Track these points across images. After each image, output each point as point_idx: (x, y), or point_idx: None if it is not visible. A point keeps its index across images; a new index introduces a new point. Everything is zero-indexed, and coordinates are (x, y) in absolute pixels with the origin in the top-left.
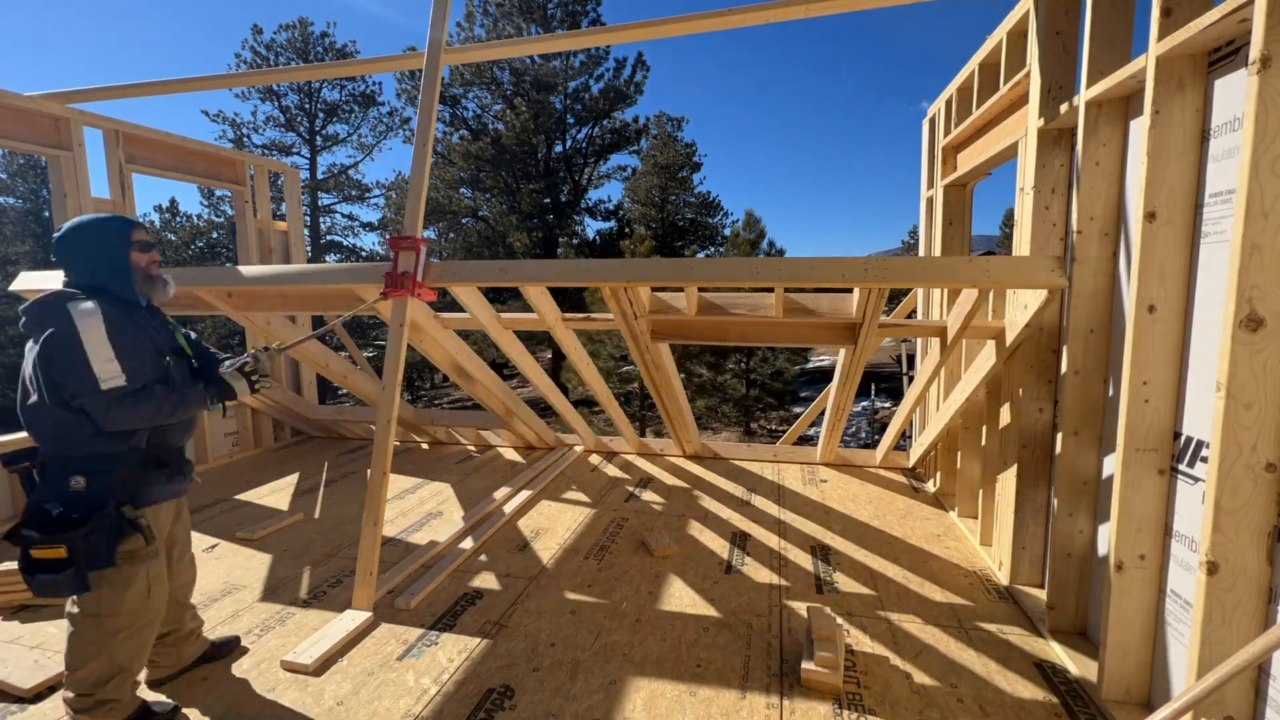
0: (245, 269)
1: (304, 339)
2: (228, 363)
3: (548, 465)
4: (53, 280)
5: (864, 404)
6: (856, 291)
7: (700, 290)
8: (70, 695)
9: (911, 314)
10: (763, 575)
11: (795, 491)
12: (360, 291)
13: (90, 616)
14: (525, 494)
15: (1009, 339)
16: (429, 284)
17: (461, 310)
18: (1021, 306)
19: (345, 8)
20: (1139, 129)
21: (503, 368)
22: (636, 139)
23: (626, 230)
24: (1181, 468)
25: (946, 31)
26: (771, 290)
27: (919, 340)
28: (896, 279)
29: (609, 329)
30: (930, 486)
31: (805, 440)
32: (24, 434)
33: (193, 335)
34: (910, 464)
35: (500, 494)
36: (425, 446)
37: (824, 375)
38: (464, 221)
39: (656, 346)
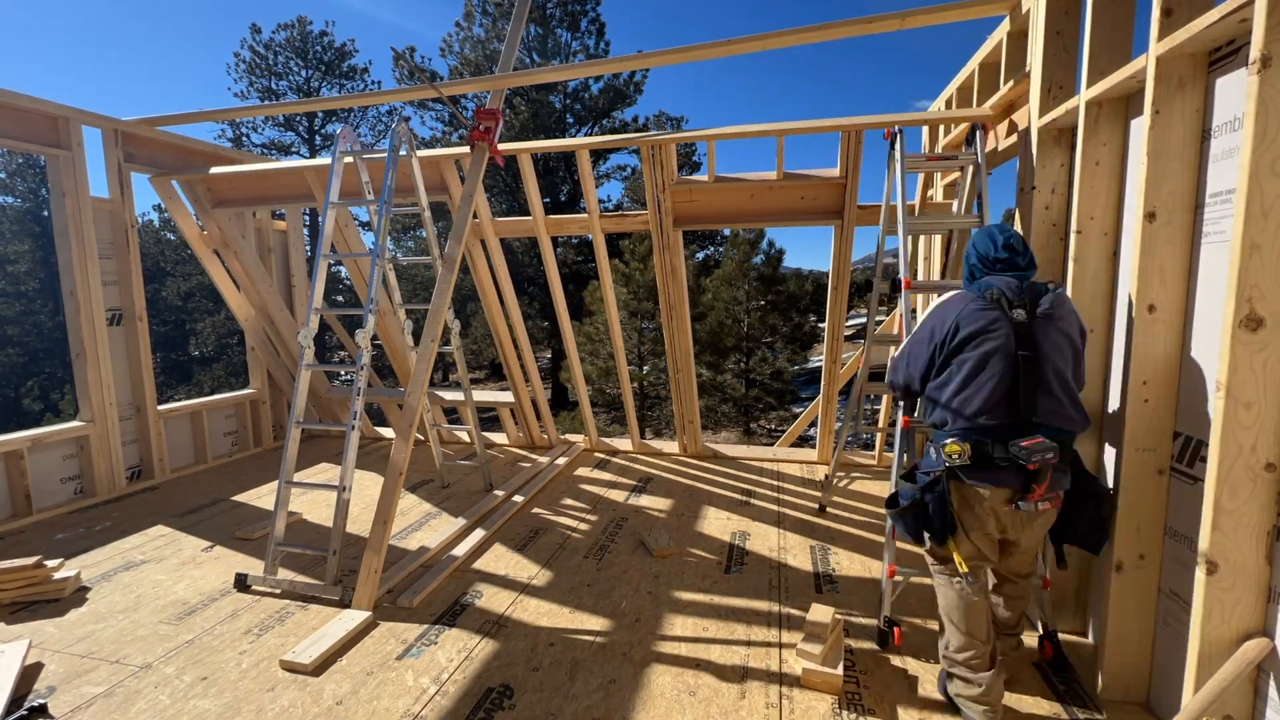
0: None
1: None
2: None
3: (548, 463)
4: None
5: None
6: (839, 146)
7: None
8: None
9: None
10: (762, 575)
11: (794, 491)
12: (442, 165)
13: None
14: (526, 493)
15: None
16: (500, 151)
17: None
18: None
19: (343, 8)
20: (1139, 129)
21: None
22: None
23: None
24: (1181, 467)
25: (947, 32)
26: (772, 172)
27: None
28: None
29: (639, 230)
30: None
31: (805, 440)
32: (21, 434)
33: None
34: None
35: (500, 492)
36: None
37: None
38: None
39: (675, 238)
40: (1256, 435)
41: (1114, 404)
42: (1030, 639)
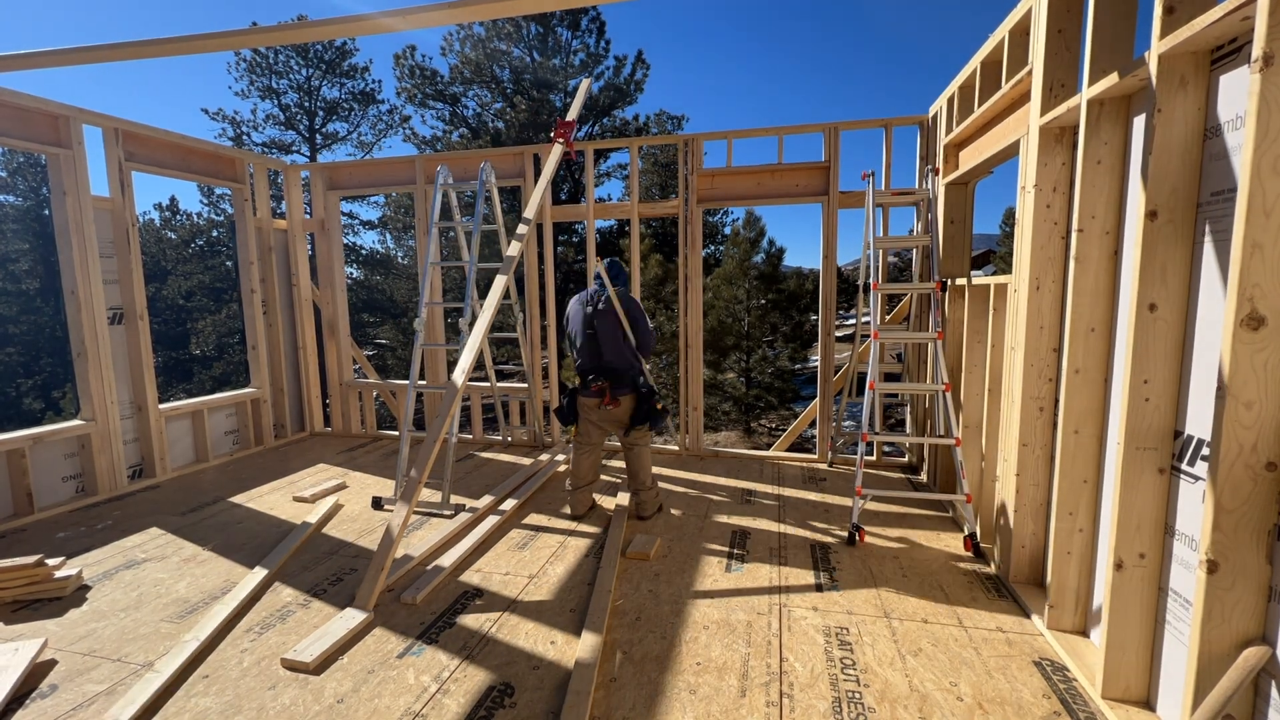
0: None
1: None
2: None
3: (549, 463)
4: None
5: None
6: (823, 142)
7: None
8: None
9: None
10: (762, 574)
11: (794, 490)
12: (490, 158)
13: (650, 447)
14: (526, 492)
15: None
16: (574, 146)
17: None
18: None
19: (342, 8)
20: (1141, 127)
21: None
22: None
23: (626, 228)
24: (1182, 466)
25: (948, 33)
26: (774, 163)
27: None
28: None
29: (668, 214)
30: (925, 477)
31: (806, 441)
32: (23, 433)
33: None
34: (907, 460)
35: (500, 491)
36: None
37: None
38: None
39: (697, 215)
40: (1257, 435)
41: (1116, 402)
42: (957, 539)
